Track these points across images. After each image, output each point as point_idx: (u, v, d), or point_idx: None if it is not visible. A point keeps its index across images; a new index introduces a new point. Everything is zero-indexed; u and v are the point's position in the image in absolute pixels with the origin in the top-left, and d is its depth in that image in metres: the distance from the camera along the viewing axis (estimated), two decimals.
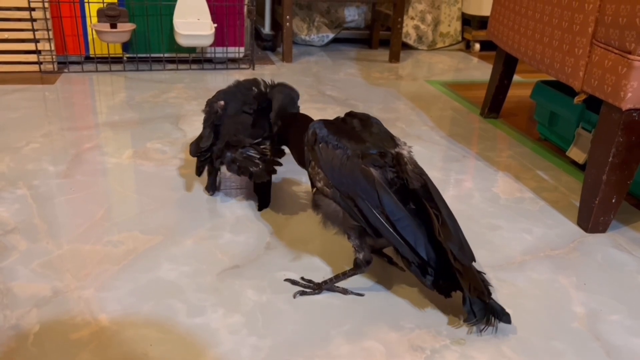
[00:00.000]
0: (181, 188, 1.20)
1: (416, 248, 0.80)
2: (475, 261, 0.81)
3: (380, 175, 0.81)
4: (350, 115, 0.91)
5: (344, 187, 0.82)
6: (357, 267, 0.86)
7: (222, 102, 1.13)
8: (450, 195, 1.23)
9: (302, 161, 0.93)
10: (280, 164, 1.07)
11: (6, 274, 0.88)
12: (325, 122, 0.87)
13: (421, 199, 0.82)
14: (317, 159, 0.84)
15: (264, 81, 1.20)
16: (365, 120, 0.89)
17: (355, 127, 0.88)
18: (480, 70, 2.42)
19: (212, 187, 1.18)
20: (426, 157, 1.43)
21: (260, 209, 1.13)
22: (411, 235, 0.79)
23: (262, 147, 1.07)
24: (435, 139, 1.56)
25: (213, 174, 1.17)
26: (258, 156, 1.06)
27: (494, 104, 1.74)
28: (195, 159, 1.16)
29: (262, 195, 1.15)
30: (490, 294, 0.79)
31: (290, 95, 1.19)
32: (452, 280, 0.80)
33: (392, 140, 0.88)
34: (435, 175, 1.32)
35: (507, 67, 1.67)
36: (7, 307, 0.81)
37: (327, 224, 0.86)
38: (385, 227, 0.80)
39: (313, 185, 0.87)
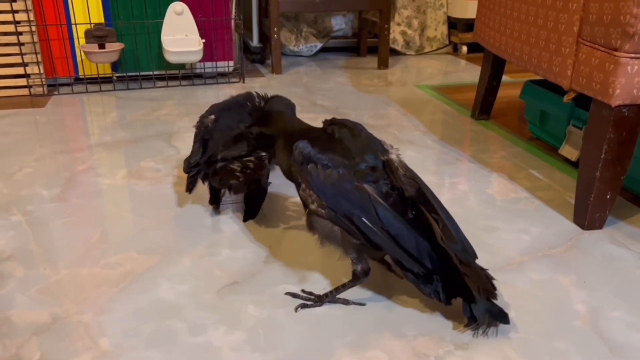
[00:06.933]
0: (177, 206, 1.19)
1: (420, 259, 0.79)
2: (477, 258, 0.81)
3: (375, 191, 0.80)
4: (332, 123, 0.89)
5: (340, 207, 0.80)
6: (356, 279, 0.85)
7: (212, 117, 1.13)
8: (445, 198, 1.23)
9: (288, 175, 0.90)
10: (260, 176, 1.07)
11: (4, 302, 0.87)
12: (311, 140, 0.85)
13: (418, 205, 0.81)
14: (308, 181, 0.82)
15: (259, 95, 1.20)
16: (351, 129, 0.87)
17: (340, 139, 0.85)
18: (469, 73, 2.43)
19: (215, 201, 1.17)
20: (419, 162, 1.43)
21: (245, 219, 1.13)
22: (413, 246, 0.78)
23: (246, 159, 1.07)
24: (427, 143, 1.57)
25: (213, 188, 1.16)
26: (239, 169, 1.06)
27: (484, 105, 1.75)
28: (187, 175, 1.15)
29: (249, 205, 1.15)
30: (495, 289, 0.79)
31: (288, 105, 1.19)
32: (454, 287, 0.80)
33: (380, 146, 0.86)
34: (429, 179, 1.32)
35: (496, 69, 1.68)
36: (6, 336, 0.80)
37: (325, 244, 0.84)
38: (386, 242, 0.79)
39: (306, 206, 0.85)
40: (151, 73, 2.16)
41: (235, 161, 1.07)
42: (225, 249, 1.03)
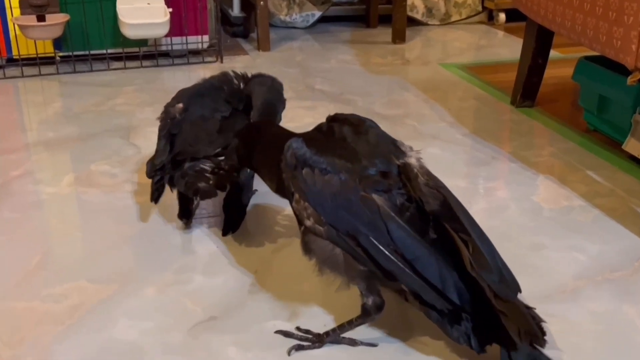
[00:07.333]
0: (138, 221, 1.20)
1: (445, 292, 0.78)
2: (520, 292, 0.81)
3: (386, 203, 0.80)
4: (335, 120, 0.90)
5: (342, 224, 0.80)
6: (366, 315, 0.85)
7: (180, 105, 1.14)
8: (479, 208, 1.24)
9: (279, 190, 0.91)
10: (235, 177, 1.08)
11: None
12: (306, 139, 0.85)
13: (442, 222, 0.81)
14: (302, 190, 0.82)
15: (237, 74, 1.21)
16: (356, 126, 0.87)
17: (345, 138, 0.86)
18: (508, 47, 2.43)
19: (185, 214, 1.17)
20: (446, 162, 1.44)
21: (224, 233, 1.14)
22: (436, 275, 0.78)
23: (221, 158, 1.08)
24: (456, 138, 1.57)
25: (183, 198, 1.16)
26: (210, 169, 1.07)
27: (527, 89, 1.75)
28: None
29: (230, 215, 1.15)
30: (544, 334, 0.78)
31: (274, 87, 1.20)
32: (488, 329, 0.79)
33: (394, 147, 0.87)
34: (458, 184, 1.33)
35: (541, 42, 1.69)
36: None
37: (325, 271, 0.84)
38: (401, 270, 0.78)
39: (300, 223, 0.86)
40: (104, 52, 2.16)
41: (207, 160, 1.08)
42: (199, 276, 1.03)
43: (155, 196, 1.14)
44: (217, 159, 1.08)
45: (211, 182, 1.07)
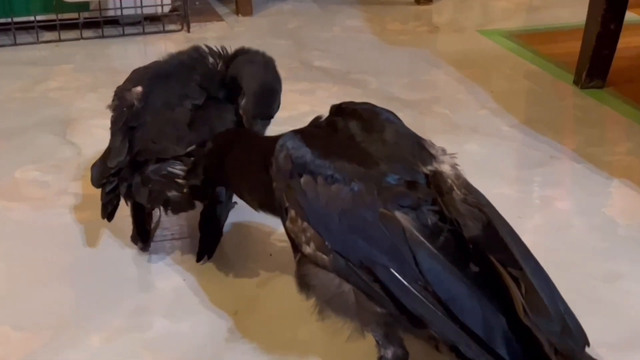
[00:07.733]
0: (79, 246, 1.20)
1: (490, 344, 0.78)
2: (589, 345, 0.80)
3: (413, 223, 0.80)
4: (343, 111, 0.90)
5: (354, 251, 0.80)
6: None
7: (139, 89, 1.14)
8: (532, 225, 1.24)
9: (266, 204, 0.91)
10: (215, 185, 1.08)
11: None
12: (304, 134, 0.85)
13: (486, 252, 0.80)
14: (300, 205, 0.82)
15: (212, 50, 1.22)
16: (367, 121, 0.87)
17: (353, 136, 0.86)
18: (570, 8, 2.43)
19: (142, 236, 1.17)
20: (488, 163, 1.44)
21: (199, 258, 1.14)
22: (479, 322, 0.78)
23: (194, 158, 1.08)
24: (501, 131, 1.57)
25: (139, 213, 1.16)
26: (183, 173, 1.07)
27: (595, 64, 1.75)
28: (100, 190, 1.15)
29: (205, 236, 1.16)
30: None
31: (268, 64, 1.21)
32: None
33: (420, 148, 0.87)
34: (504, 192, 1.33)
35: (614, 2, 1.68)
36: None
37: (327, 314, 0.84)
38: (433, 314, 0.78)
39: (296, 249, 0.86)
40: (32, 19, 2.16)
41: (177, 162, 1.08)
42: (161, 318, 1.03)
43: (109, 210, 1.14)
44: (190, 160, 1.08)
45: (185, 190, 1.07)
